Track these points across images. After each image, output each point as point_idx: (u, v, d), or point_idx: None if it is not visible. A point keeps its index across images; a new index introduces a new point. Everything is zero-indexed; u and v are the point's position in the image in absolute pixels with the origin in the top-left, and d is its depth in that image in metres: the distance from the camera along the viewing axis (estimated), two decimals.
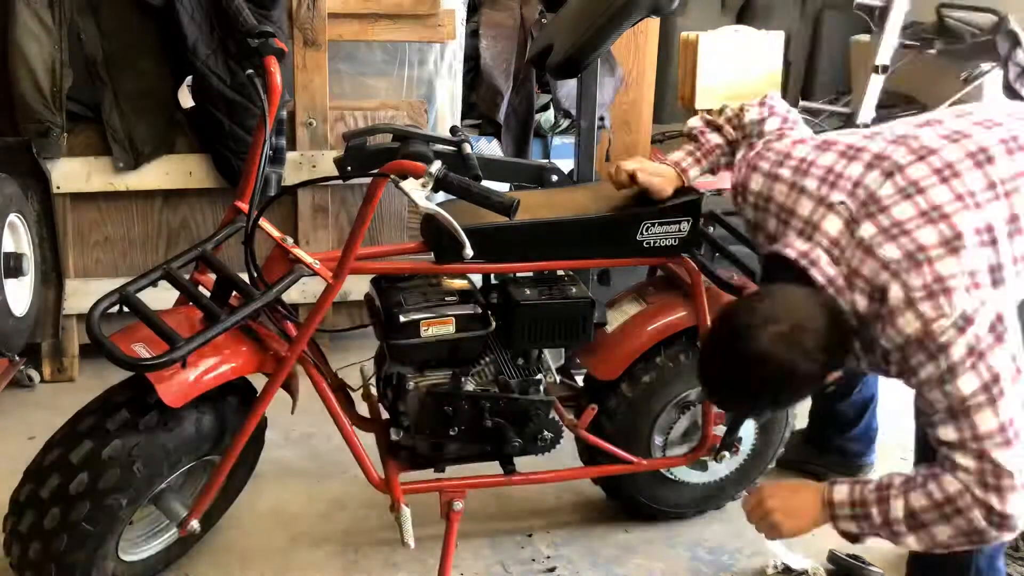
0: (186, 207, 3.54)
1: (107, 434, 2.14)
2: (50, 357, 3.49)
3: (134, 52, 3.30)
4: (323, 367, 2.38)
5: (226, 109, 3.29)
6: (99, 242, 3.51)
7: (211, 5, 3.24)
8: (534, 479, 2.57)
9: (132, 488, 2.16)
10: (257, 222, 2.18)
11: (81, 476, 2.12)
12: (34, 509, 2.15)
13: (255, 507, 2.84)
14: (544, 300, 2.30)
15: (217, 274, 2.24)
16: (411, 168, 1.96)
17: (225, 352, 2.19)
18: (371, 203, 2.05)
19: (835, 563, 2.67)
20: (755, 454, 2.78)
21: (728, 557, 2.72)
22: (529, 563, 2.67)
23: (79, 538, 2.15)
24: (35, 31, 3.16)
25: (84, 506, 2.12)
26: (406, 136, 2.67)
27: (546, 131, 4.81)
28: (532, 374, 2.41)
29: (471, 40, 4.62)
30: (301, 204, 3.59)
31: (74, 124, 3.33)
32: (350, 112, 3.59)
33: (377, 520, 2.80)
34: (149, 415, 2.16)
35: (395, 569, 2.62)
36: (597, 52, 3.00)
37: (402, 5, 3.55)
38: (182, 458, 2.24)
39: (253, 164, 2.29)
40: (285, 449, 3.15)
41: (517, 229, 2.28)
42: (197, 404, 2.19)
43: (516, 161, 3.01)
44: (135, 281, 2.13)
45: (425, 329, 2.24)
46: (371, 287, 2.38)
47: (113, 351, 1.96)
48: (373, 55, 3.75)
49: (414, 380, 2.32)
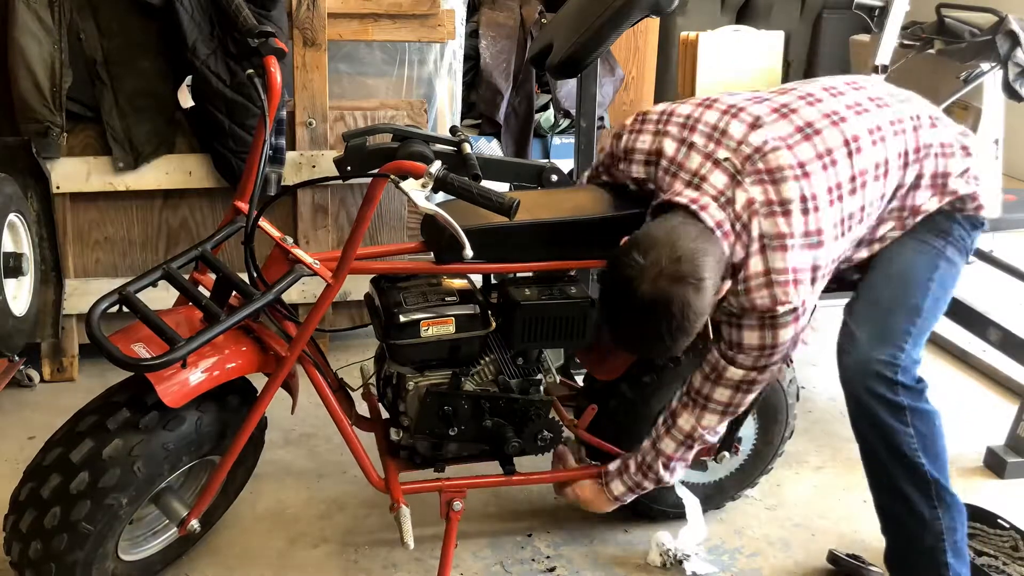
0: (186, 207, 3.54)
1: (108, 433, 2.14)
2: (50, 357, 3.49)
3: (134, 52, 3.29)
4: (323, 367, 2.38)
5: (226, 109, 3.29)
6: (99, 242, 3.51)
7: (211, 5, 3.24)
8: (534, 479, 2.57)
9: (132, 488, 2.16)
10: (257, 222, 2.18)
11: (82, 475, 2.12)
12: (34, 508, 2.15)
13: (255, 507, 2.84)
14: (544, 300, 2.30)
15: (217, 274, 2.24)
16: (411, 168, 1.96)
17: (225, 352, 2.19)
18: (371, 203, 2.05)
19: (835, 563, 2.67)
20: (755, 454, 2.78)
21: (728, 557, 2.72)
22: (529, 563, 2.67)
23: (79, 537, 2.15)
24: (35, 31, 3.15)
25: (84, 505, 2.12)
26: (406, 136, 2.68)
27: (546, 131, 4.82)
28: (532, 374, 2.41)
29: (471, 40, 4.63)
30: (301, 204, 3.59)
31: (74, 124, 3.32)
32: (350, 112, 3.59)
33: (377, 520, 2.81)
34: (150, 415, 2.16)
35: (395, 569, 2.62)
36: (597, 52, 3.00)
37: (402, 5, 3.54)
38: (182, 458, 2.24)
39: (253, 164, 2.30)
40: (285, 449, 3.15)
41: (517, 229, 2.28)
42: (198, 404, 2.19)
43: (516, 161, 3.01)
44: (135, 281, 2.13)
45: (425, 329, 2.23)
46: (371, 287, 2.38)
47: (113, 351, 1.96)
48: (373, 55, 3.75)
49: (414, 380, 2.32)
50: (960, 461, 3.19)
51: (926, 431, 2.23)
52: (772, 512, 2.94)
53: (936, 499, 2.25)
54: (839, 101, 2.22)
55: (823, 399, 3.62)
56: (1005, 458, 3.15)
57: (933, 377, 2.32)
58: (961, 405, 3.59)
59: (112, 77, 3.30)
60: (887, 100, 2.27)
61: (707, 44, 4.27)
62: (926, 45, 3.88)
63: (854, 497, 3.01)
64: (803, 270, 2.08)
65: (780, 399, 2.70)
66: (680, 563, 2.65)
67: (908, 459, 2.24)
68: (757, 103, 2.23)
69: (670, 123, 2.26)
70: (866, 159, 2.15)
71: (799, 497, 3.02)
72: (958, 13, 3.82)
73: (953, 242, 2.30)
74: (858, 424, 2.29)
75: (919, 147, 2.23)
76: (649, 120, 2.31)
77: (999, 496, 3.04)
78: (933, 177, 2.25)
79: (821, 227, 2.09)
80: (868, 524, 2.84)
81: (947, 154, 2.26)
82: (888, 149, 2.18)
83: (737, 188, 2.09)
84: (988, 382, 3.81)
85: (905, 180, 2.23)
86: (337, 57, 3.67)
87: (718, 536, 2.81)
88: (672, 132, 2.24)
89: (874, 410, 2.22)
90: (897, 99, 2.29)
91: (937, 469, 2.25)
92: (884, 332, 2.24)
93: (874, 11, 4.02)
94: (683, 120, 2.25)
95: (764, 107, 2.21)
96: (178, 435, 2.19)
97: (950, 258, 2.30)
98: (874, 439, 2.27)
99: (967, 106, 3.83)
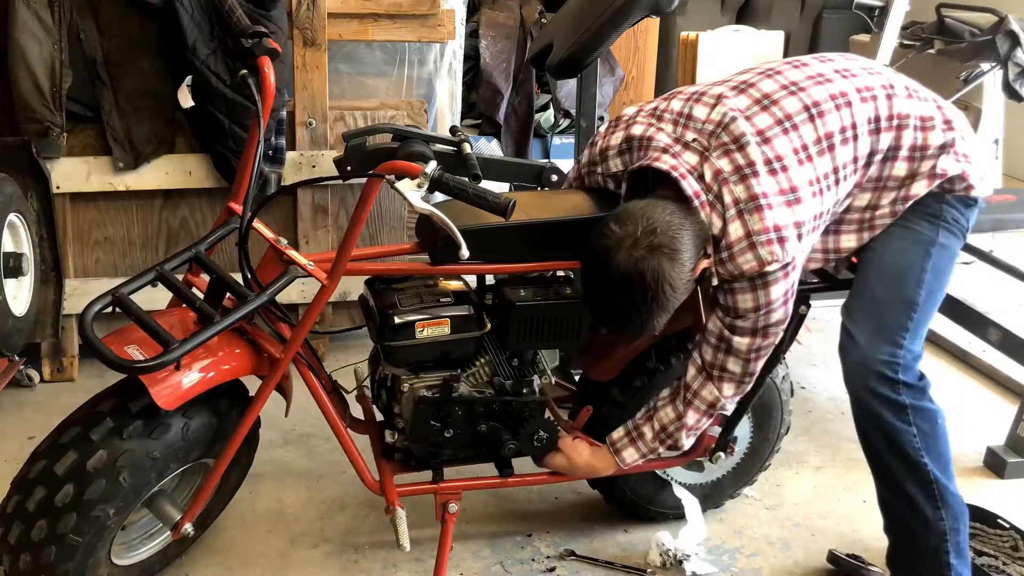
0: (186, 207, 3.54)
1: (91, 444, 2.11)
2: (50, 357, 3.50)
3: (134, 52, 3.30)
4: (317, 369, 2.37)
5: (226, 109, 3.29)
6: (99, 242, 3.51)
7: (211, 5, 3.24)
8: (530, 480, 2.57)
9: (119, 498, 2.14)
10: (251, 223, 2.17)
11: (66, 488, 2.10)
12: (21, 521, 2.12)
13: (255, 507, 2.84)
14: (539, 301, 2.29)
15: (211, 275, 2.23)
16: (406, 168, 1.95)
17: (219, 354, 2.18)
18: (366, 204, 2.04)
19: (835, 563, 2.67)
20: (752, 452, 2.77)
21: (728, 557, 2.72)
22: (529, 563, 2.67)
23: (67, 549, 2.13)
24: (35, 31, 3.16)
25: (71, 518, 2.10)
26: (406, 136, 2.67)
27: (546, 131, 4.82)
28: (527, 375, 2.40)
29: (471, 40, 4.63)
30: (301, 204, 3.59)
31: (74, 124, 3.33)
32: (350, 112, 3.59)
33: (377, 520, 2.81)
34: (134, 424, 2.13)
35: (394, 569, 2.62)
36: (597, 52, 3.00)
37: (402, 5, 3.54)
38: (170, 465, 2.21)
39: (247, 165, 2.29)
40: (284, 449, 3.15)
41: (513, 229, 2.28)
42: (184, 410, 2.17)
43: (516, 161, 3.00)
44: (129, 282, 2.12)
45: (420, 330, 2.23)
46: (366, 288, 2.37)
47: (106, 353, 1.95)
48: (373, 55, 3.75)
49: (409, 382, 2.32)
50: (960, 461, 3.18)
51: (929, 430, 2.23)
52: (772, 512, 2.94)
53: (939, 500, 2.26)
54: (800, 72, 2.24)
55: (823, 399, 3.61)
56: (1005, 458, 3.15)
57: (933, 377, 2.31)
58: (961, 405, 3.58)
59: (112, 77, 3.30)
60: (855, 71, 2.27)
61: (707, 44, 4.28)
62: (926, 45, 3.88)
63: (854, 497, 3.01)
64: (785, 227, 2.09)
65: (774, 396, 2.70)
66: (680, 563, 2.64)
67: (911, 459, 2.24)
68: (718, 85, 2.28)
69: (638, 116, 2.32)
70: (831, 123, 2.16)
71: (799, 497, 3.02)
72: (958, 13, 3.82)
73: (946, 225, 2.28)
74: (861, 424, 2.29)
75: (892, 115, 2.22)
76: (621, 120, 2.37)
77: (999, 496, 3.04)
78: (911, 150, 2.23)
79: (795, 184, 2.11)
80: (868, 524, 2.84)
81: (927, 128, 2.24)
82: (855, 114, 2.19)
83: (705, 163, 2.13)
84: (988, 382, 3.80)
85: (879, 147, 2.22)
86: (337, 57, 3.67)
87: (718, 536, 2.80)
88: (641, 122, 2.30)
89: (877, 410, 2.22)
90: (868, 71, 2.29)
91: (940, 469, 2.25)
92: (882, 330, 2.24)
93: (874, 11, 4.02)
94: (651, 111, 2.31)
95: (724, 87, 2.25)
96: (164, 443, 2.17)
97: (943, 243, 2.28)
98: (877, 439, 2.27)
99: (967, 106, 3.83)
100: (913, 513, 2.29)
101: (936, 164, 2.23)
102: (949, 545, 2.28)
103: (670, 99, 2.32)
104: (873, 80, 2.25)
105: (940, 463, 2.26)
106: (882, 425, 2.23)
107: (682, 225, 2.03)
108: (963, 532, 2.30)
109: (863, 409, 2.26)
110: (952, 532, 2.27)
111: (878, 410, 2.22)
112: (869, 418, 2.25)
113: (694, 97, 2.26)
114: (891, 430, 2.23)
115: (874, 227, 2.29)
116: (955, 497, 2.28)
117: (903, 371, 2.21)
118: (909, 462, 2.25)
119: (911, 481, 2.26)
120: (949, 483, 2.27)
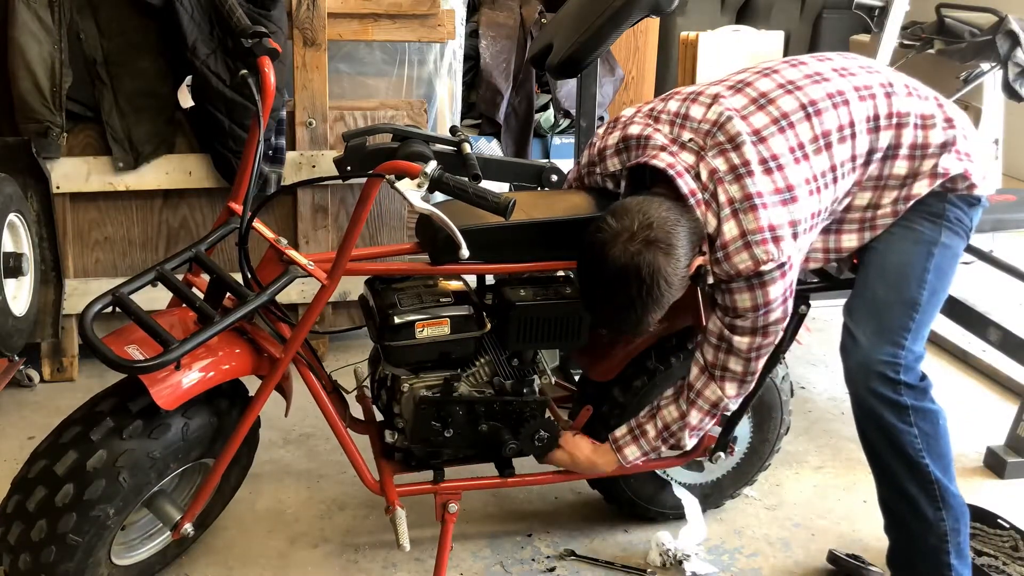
0: (186, 207, 3.54)
1: (91, 444, 2.11)
2: (50, 357, 3.50)
3: (134, 52, 3.30)
4: (317, 369, 2.37)
5: (226, 109, 3.29)
6: (99, 242, 3.51)
7: (211, 5, 3.24)
8: (530, 480, 2.57)
9: (119, 498, 2.14)
10: (251, 223, 2.17)
11: (66, 488, 2.10)
12: (21, 521, 2.12)
13: (254, 507, 2.84)
14: (539, 301, 2.29)
15: (210, 275, 2.23)
16: (406, 168, 1.95)
17: (219, 354, 2.18)
18: (366, 204, 2.04)
19: (835, 563, 2.67)
20: (752, 452, 2.77)
21: (728, 557, 2.72)
22: (529, 563, 2.67)
23: (67, 549, 2.13)
24: (35, 31, 3.16)
25: (71, 518, 2.10)
26: (406, 136, 2.67)
27: (546, 131, 4.82)
28: (527, 375, 2.40)
29: (471, 40, 4.63)
30: (301, 204, 3.59)
31: (74, 124, 3.33)
32: (350, 112, 3.59)
33: (377, 520, 2.81)
34: (134, 424, 2.13)
35: (394, 569, 2.62)
36: (597, 52, 3.00)
37: (402, 5, 3.54)
38: (170, 465, 2.21)
39: (247, 165, 2.29)
40: (284, 449, 3.15)
41: (513, 229, 2.28)
42: (184, 410, 2.18)
43: (516, 161, 3.00)
44: (129, 282, 2.12)
45: (420, 331, 2.23)
46: (366, 288, 2.37)
47: (106, 353, 1.95)
48: (373, 55, 3.75)
49: (409, 382, 2.32)
50: (960, 461, 3.18)
51: (930, 430, 2.23)
52: (772, 512, 2.94)
53: (940, 500, 2.26)
54: (797, 71, 2.25)
55: (823, 399, 3.61)
56: (1005, 458, 3.15)
57: (933, 377, 2.31)
58: (961, 405, 3.58)
59: (112, 77, 3.30)
60: (853, 70, 2.27)
61: (707, 44, 4.27)
62: (926, 45, 3.88)
63: (854, 497, 3.01)
64: (781, 226, 2.09)
65: (774, 396, 2.70)
66: (680, 563, 2.64)
67: (912, 459, 2.24)
68: (715, 85, 2.28)
69: (635, 117, 2.33)
70: (828, 121, 2.16)
71: (799, 497, 3.02)
72: (958, 13, 3.82)
73: (949, 225, 2.28)
74: (862, 424, 2.29)
75: (891, 113, 2.22)
76: (619, 121, 2.38)
77: (999, 496, 3.04)
78: (912, 148, 2.23)
79: (791, 183, 2.11)
80: (868, 524, 2.84)
81: (928, 126, 2.23)
82: (853, 112, 2.19)
83: (701, 163, 2.14)
84: (988, 382, 3.80)
85: (879, 145, 2.22)
86: (337, 57, 3.67)
87: (718, 536, 2.80)
88: (638, 122, 2.31)
89: (878, 410, 2.22)
90: (866, 69, 2.29)
91: (941, 469, 2.25)
92: (883, 330, 2.24)
93: (874, 11, 4.02)
94: (648, 112, 2.32)
95: (721, 87, 2.26)
96: (164, 443, 2.17)
97: (946, 243, 2.27)
98: (878, 439, 2.27)
99: (967, 106, 3.83)
100: (914, 513, 2.29)
101: (937, 163, 2.22)
102: (950, 545, 2.28)
103: (667, 100, 2.32)
104: (872, 78, 2.25)
105: (941, 463, 2.26)
106: (883, 425, 2.23)
107: (678, 221, 2.04)
108: (964, 532, 2.30)
109: (864, 409, 2.25)
110: (953, 532, 2.27)
111: (879, 410, 2.22)
112: (870, 418, 2.25)
113: (690, 97, 2.27)
114: (892, 430, 2.23)
115: (876, 227, 2.29)
116: (956, 498, 2.28)
117: (904, 372, 2.21)
118: (910, 462, 2.25)
119: (912, 481, 2.26)
120: (950, 483, 2.27)
